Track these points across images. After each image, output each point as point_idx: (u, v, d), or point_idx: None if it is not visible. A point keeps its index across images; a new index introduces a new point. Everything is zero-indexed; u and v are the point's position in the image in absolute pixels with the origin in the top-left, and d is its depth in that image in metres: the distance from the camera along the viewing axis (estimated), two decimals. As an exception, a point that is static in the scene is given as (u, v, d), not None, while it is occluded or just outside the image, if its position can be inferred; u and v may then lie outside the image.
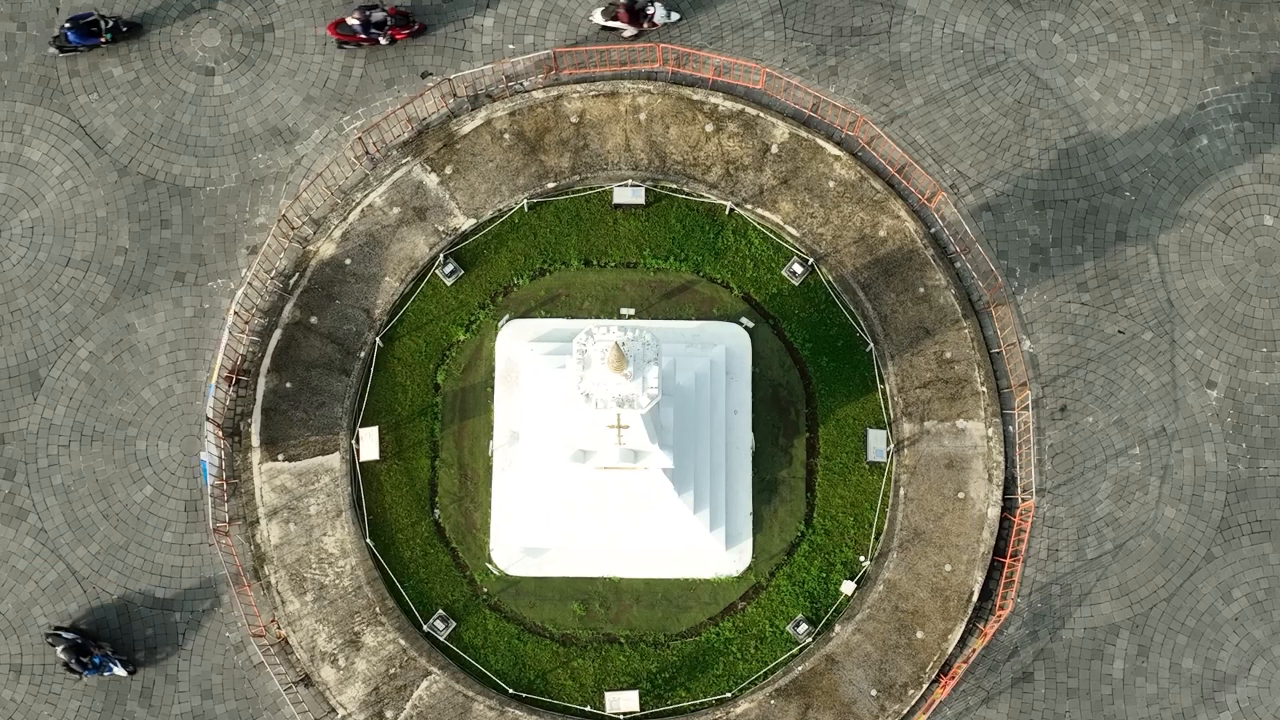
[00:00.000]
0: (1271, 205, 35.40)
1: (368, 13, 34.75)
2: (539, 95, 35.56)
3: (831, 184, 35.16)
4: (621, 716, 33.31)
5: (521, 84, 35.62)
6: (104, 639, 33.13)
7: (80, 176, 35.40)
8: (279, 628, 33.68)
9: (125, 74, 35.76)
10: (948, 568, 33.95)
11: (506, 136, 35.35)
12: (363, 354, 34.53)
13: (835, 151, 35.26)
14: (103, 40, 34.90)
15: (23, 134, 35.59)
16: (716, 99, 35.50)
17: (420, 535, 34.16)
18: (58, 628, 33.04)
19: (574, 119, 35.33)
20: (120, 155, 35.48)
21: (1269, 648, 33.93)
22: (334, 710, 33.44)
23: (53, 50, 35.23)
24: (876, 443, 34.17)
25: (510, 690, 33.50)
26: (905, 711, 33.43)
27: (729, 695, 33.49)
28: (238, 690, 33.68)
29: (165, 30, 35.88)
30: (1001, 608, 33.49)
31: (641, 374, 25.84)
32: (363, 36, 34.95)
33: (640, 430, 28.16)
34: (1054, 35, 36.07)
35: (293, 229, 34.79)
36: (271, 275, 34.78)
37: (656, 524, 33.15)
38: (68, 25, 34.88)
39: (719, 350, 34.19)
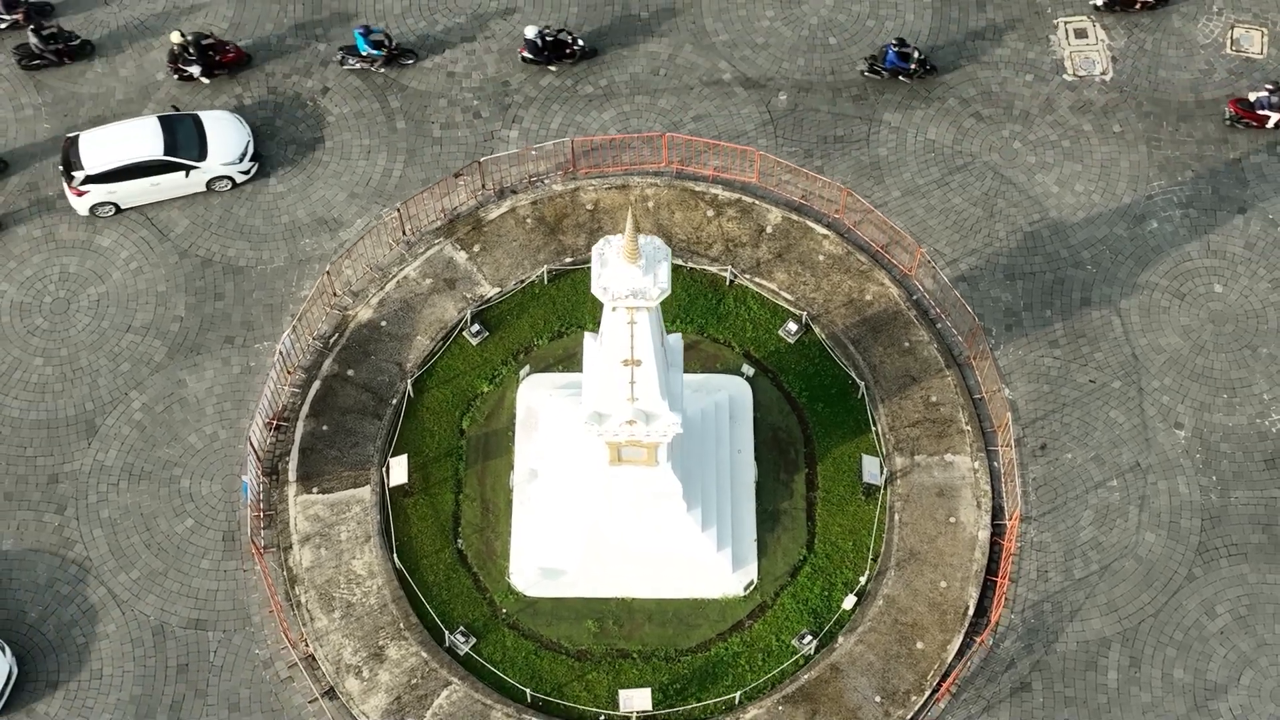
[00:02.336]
0: (1219, 276, 39.14)
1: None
2: (558, 188, 39.96)
3: (821, 257, 39.06)
4: (635, 715, 34.43)
5: (542, 181, 40.07)
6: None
7: (144, 258, 39.36)
8: (306, 644, 35.26)
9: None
10: (943, 584, 35.83)
11: (529, 221, 39.53)
12: (394, 401, 37.52)
13: (824, 231, 39.34)
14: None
15: (95, 225, 39.76)
16: (716, 190, 39.88)
17: (443, 561, 36.21)
18: None
19: (589, 206, 39.59)
20: (181, 241, 39.56)
21: (1256, 659, 35.37)
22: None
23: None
24: (871, 467, 36.72)
25: (528, 699, 34.76)
26: (909, 717, 34.56)
27: (738, 702, 34.71)
28: (264, 704, 34.96)
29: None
30: (1001, 607, 35.20)
31: (653, 270, 29.01)
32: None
33: (651, 380, 31.01)
34: (1014, 141, 40.78)
35: (334, 296, 38.46)
36: (314, 337, 38.16)
37: (666, 545, 35.34)
38: None
39: (723, 395, 37.23)
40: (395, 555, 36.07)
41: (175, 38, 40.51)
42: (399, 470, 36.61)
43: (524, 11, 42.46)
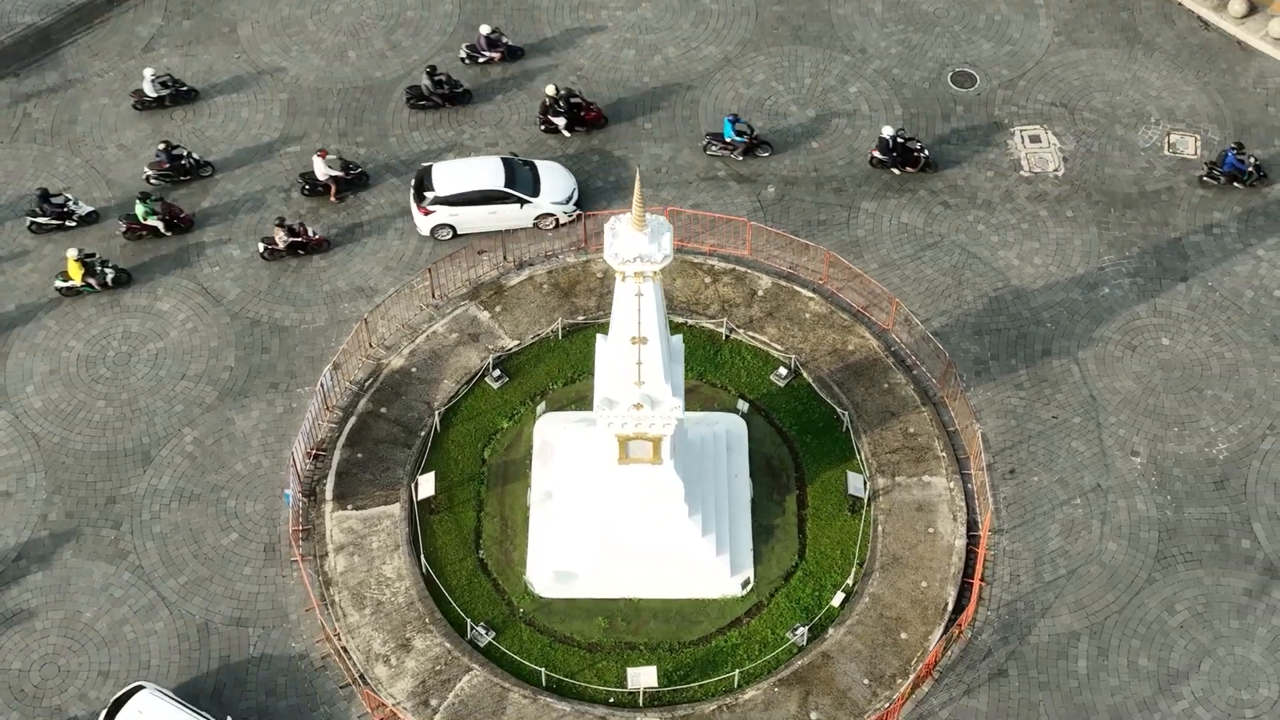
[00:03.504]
0: (1166, 331, 43.53)
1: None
2: (571, 260, 44.74)
3: (807, 315, 43.56)
4: (642, 692, 37.32)
5: (557, 255, 44.86)
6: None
7: (199, 320, 43.85)
8: (339, 638, 38.39)
9: (242, 254, 45.08)
10: (924, 584, 39.14)
11: (545, 286, 44.18)
12: (422, 433, 41.46)
13: (809, 294, 43.94)
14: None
15: (156, 293, 44.39)
16: (713, 261, 44.64)
17: (466, 568, 39.59)
18: None
19: (599, 275, 44.26)
20: (232, 306, 44.12)
21: (1214, 649, 38.41)
22: (384, 704, 37.51)
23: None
24: (855, 482, 40.42)
25: (543, 682, 37.70)
26: (895, 696, 37.46)
27: (736, 684, 37.65)
28: (299, 689, 37.88)
29: (268, 226, 45.60)
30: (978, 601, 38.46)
31: (657, 239, 33.36)
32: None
33: (656, 361, 35.13)
34: (978, 225, 45.73)
35: (370, 347, 42.81)
36: (350, 382, 42.37)
37: (670, 549, 38.83)
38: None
39: (720, 427, 41.21)
40: (422, 561, 39.42)
41: (550, 90, 46.24)
42: (426, 485, 40.30)
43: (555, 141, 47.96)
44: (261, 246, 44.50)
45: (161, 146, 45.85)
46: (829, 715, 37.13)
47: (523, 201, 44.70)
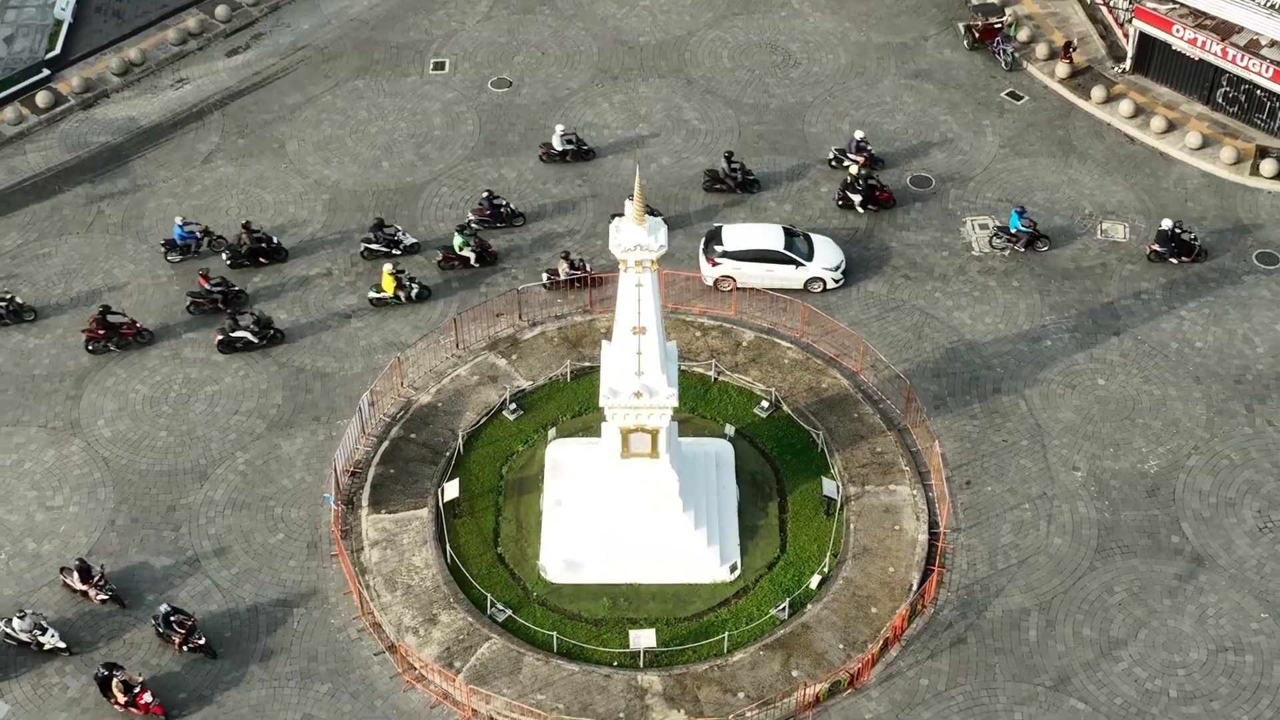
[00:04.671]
0: (1101, 374, 49.54)
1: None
2: (578, 319, 51.01)
3: (786, 361, 49.64)
4: (643, 653, 42.16)
5: (566, 315, 51.16)
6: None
7: (250, 368, 49.85)
8: (373, 614, 43.39)
9: (288, 315, 51.33)
10: (891, 569, 44.32)
11: (555, 339, 50.33)
12: (447, 453, 47.07)
13: (788, 345, 50.10)
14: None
15: (212, 347, 50.45)
16: (703, 319, 50.92)
17: (485, 560, 44.77)
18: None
19: (602, 329, 50.43)
20: (279, 357, 50.15)
21: (1148, 621, 43.40)
22: (413, 666, 42.32)
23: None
24: (829, 486, 45.87)
25: (554, 648, 42.59)
26: (864, 656, 42.33)
27: (726, 649, 42.53)
28: (337, 656, 42.70)
29: (322, 292, 51.98)
30: (937, 586, 43.61)
31: (654, 233, 39.53)
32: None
33: (653, 351, 41.10)
34: (935, 292, 52.15)
35: (401, 387, 48.75)
36: (383, 415, 48.19)
37: (666, 540, 44.14)
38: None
39: (710, 447, 46.90)
40: (447, 552, 44.63)
41: (853, 169, 53.28)
42: (452, 490, 45.74)
43: (569, 239, 54.74)
44: (545, 277, 51.16)
45: (485, 195, 53.32)
46: (808, 673, 41.90)
47: (798, 264, 51.07)
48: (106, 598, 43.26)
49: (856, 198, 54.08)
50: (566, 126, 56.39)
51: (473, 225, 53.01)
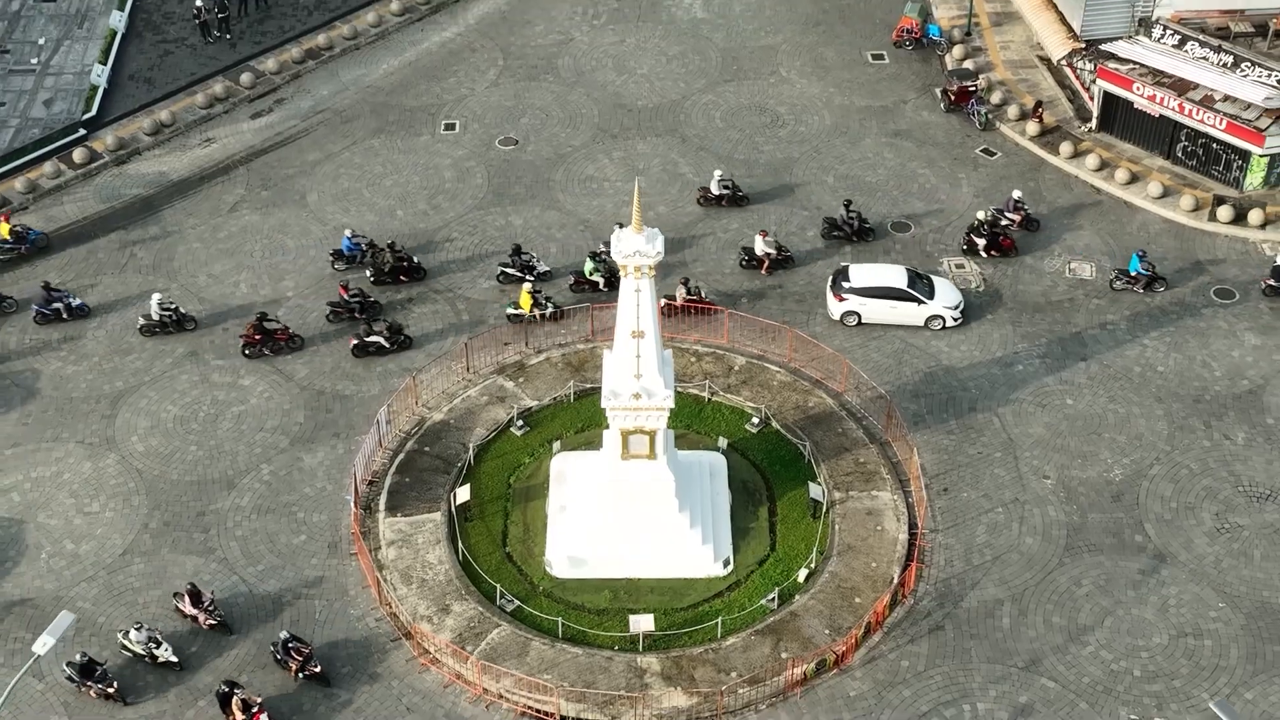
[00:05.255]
0: (1070, 394, 53.06)
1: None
2: (580, 347, 54.64)
3: (775, 383, 53.20)
4: (641, 636, 45.23)
5: (570, 345, 54.79)
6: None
7: (274, 390, 53.38)
8: (390, 606, 46.51)
9: (309, 346, 54.96)
10: (874, 564, 47.54)
11: (559, 364, 53.92)
12: (459, 464, 50.45)
13: (777, 369, 53.68)
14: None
15: (239, 373, 54.04)
16: (698, 348, 54.55)
17: (495, 559, 47.95)
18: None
19: (603, 356, 53.99)
20: (302, 381, 53.72)
21: (1114, 610, 46.53)
22: (426, 651, 45.37)
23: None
24: (815, 490, 49.18)
25: (559, 632, 45.66)
26: (850, 638, 45.41)
27: (720, 635, 45.62)
28: (357, 642, 45.72)
29: (345, 325, 55.66)
30: (917, 575, 46.81)
31: (652, 241, 43.19)
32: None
33: (651, 354, 44.66)
34: (926, 330, 55.84)
35: (416, 405, 52.25)
36: (399, 431, 51.64)
37: (664, 537, 47.40)
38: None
39: (705, 458, 50.30)
40: (459, 549, 47.84)
41: (980, 214, 57.37)
42: (463, 493, 49.05)
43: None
44: (662, 301, 54.79)
45: (619, 226, 56.33)
46: (796, 655, 44.93)
47: (920, 302, 54.75)
48: (215, 623, 45.52)
49: (981, 241, 57.81)
50: (725, 172, 60.47)
51: (603, 254, 56.87)
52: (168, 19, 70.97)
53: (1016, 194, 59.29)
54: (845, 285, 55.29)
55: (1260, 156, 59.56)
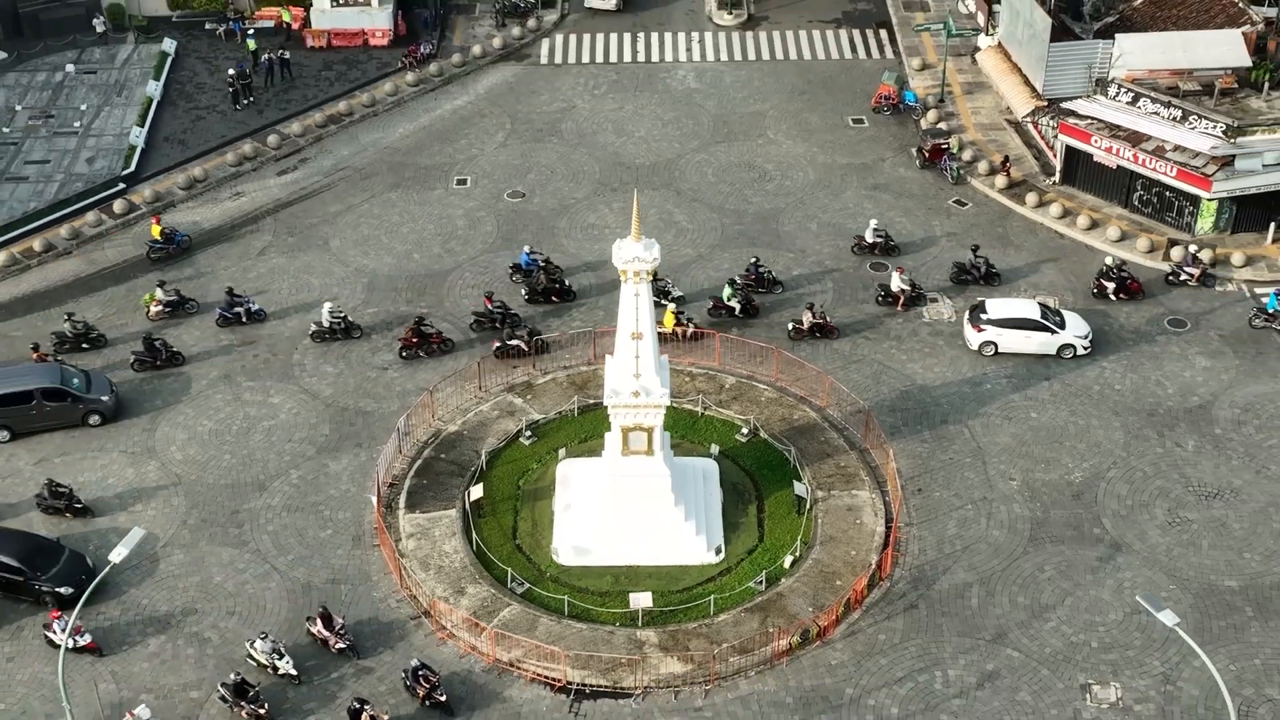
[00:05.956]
0: (1034, 409, 57.72)
1: None
2: (584, 368, 59.37)
3: (763, 399, 57.87)
4: (640, 613, 49.44)
5: (574, 368, 59.50)
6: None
7: (302, 407, 58.00)
8: (410, 589, 50.77)
9: (335, 369, 59.70)
10: (853, 553, 51.87)
11: (564, 383, 58.60)
12: (473, 468, 54.96)
13: (764, 387, 58.39)
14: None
15: (268, 392, 58.69)
16: (691, 369, 59.29)
17: (506, 549, 52.26)
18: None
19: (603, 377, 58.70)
20: (328, 399, 58.37)
21: (1073, 591, 50.76)
22: (444, 627, 49.56)
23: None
24: (800, 488, 53.64)
25: (565, 610, 49.90)
26: (831, 610, 49.64)
27: (712, 612, 49.85)
28: (379, 620, 49.89)
29: (363, 349, 60.41)
30: (893, 560, 51.16)
31: (649, 249, 48.01)
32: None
33: (649, 354, 49.36)
34: (891, 350, 60.57)
35: (433, 418, 56.86)
36: (417, 441, 56.19)
37: (661, 529, 51.80)
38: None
39: (698, 463, 54.84)
40: (474, 539, 52.19)
41: (1109, 260, 62.39)
42: (477, 491, 53.50)
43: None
44: (791, 326, 60.40)
45: (753, 261, 62.94)
46: (782, 626, 49.15)
47: (1053, 331, 59.45)
48: (344, 646, 48.47)
49: (1110, 285, 62.54)
50: (879, 222, 65.64)
51: (739, 281, 61.95)
52: (199, 89, 76.57)
53: (1193, 248, 63.88)
54: (983, 318, 59.90)
55: (1209, 201, 64.71)
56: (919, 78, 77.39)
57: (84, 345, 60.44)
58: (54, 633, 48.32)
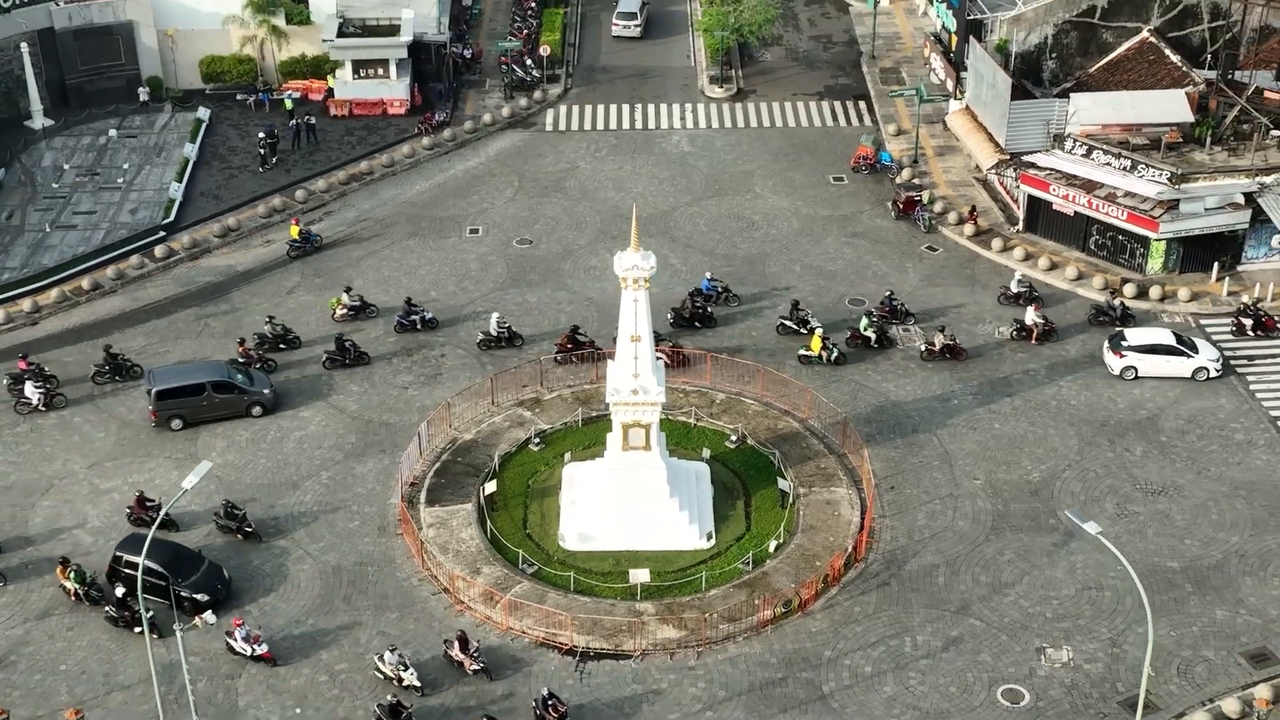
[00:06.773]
0: (996, 420, 63.47)
1: None
2: (587, 386, 65.19)
3: (750, 412, 63.65)
4: (639, 587, 54.82)
5: (577, 385, 65.31)
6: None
7: (329, 420, 63.74)
8: (431, 570, 56.19)
9: (359, 388, 65.53)
10: (831, 539, 57.36)
11: (569, 398, 64.38)
12: (486, 470, 60.61)
13: (751, 401, 64.21)
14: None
15: (298, 409, 64.48)
16: (685, 387, 65.11)
17: (517, 537, 57.72)
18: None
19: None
20: (353, 413, 64.12)
21: (1030, 570, 56.18)
22: (461, 602, 54.93)
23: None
24: (783, 484, 59.25)
25: (571, 586, 55.30)
26: (811, 583, 55.04)
27: (704, 588, 55.28)
28: (403, 596, 55.25)
29: (383, 369, 66.27)
30: (866, 543, 56.70)
31: (647, 259, 53.91)
32: None
33: (646, 356, 55.20)
34: (867, 371, 66.46)
35: (449, 427, 62.60)
36: (435, 447, 61.87)
37: (657, 519, 57.35)
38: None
39: (691, 466, 60.52)
40: (488, 527, 57.69)
41: (1245, 299, 68.63)
42: (491, 485, 59.09)
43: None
44: (923, 347, 66.41)
45: (888, 294, 68.98)
46: (767, 597, 54.54)
47: (1189, 356, 65.20)
48: (479, 669, 51.74)
49: (1248, 322, 67.99)
50: (1023, 275, 71.20)
51: (875, 313, 68.04)
52: (232, 151, 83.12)
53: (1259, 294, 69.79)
54: (1124, 344, 65.65)
55: (1157, 241, 70.95)
56: (894, 141, 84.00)
57: (281, 346, 67.38)
58: (234, 639, 51.94)
